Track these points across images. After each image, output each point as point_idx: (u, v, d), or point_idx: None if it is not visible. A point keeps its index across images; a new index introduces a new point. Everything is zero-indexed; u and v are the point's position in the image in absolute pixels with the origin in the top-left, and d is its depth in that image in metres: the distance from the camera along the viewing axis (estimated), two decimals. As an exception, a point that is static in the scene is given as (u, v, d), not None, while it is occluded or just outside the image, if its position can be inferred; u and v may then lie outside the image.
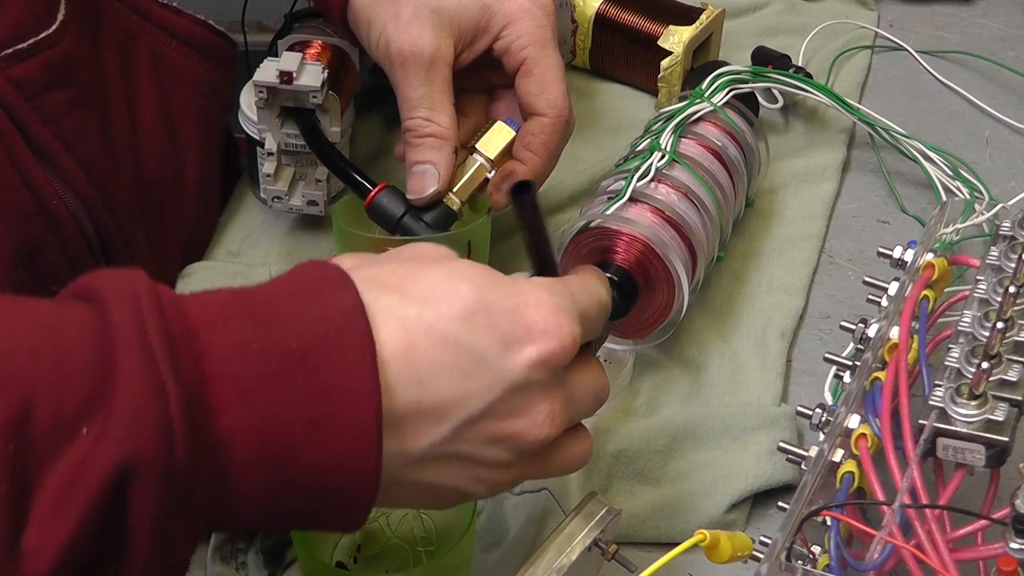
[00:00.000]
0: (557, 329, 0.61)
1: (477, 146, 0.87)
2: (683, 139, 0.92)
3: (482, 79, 0.92)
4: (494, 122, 0.88)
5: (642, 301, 0.86)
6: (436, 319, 0.59)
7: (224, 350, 0.55)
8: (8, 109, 0.82)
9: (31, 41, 0.83)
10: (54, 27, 0.85)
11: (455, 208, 0.85)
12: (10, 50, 0.82)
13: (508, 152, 0.88)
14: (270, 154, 0.90)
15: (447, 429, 0.60)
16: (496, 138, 0.87)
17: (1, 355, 0.52)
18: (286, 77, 0.86)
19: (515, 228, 1.00)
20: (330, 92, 0.89)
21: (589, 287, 0.66)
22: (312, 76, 0.87)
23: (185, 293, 0.57)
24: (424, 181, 0.85)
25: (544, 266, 0.68)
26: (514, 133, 0.87)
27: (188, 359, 0.54)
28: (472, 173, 0.87)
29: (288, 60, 0.87)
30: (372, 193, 0.85)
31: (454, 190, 0.86)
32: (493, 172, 0.87)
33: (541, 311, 0.61)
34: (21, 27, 0.83)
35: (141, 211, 0.92)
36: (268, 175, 0.91)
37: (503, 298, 0.61)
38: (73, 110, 0.86)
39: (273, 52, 0.98)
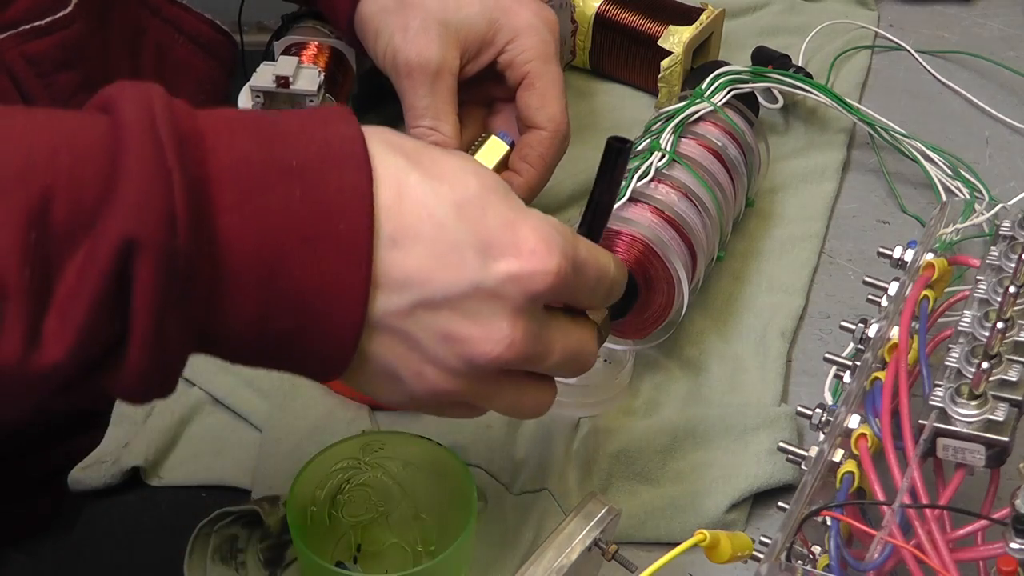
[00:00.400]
0: (544, 255, 0.60)
1: None
2: (683, 139, 0.92)
3: (483, 92, 0.93)
4: (488, 136, 0.90)
5: (642, 301, 0.86)
6: (432, 195, 0.59)
7: (227, 157, 0.57)
8: (19, 85, 0.84)
9: (48, 19, 0.85)
10: (69, 8, 0.86)
11: None
12: (28, 26, 0.84)
13: (502, 166, 0.89)
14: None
15: (404, 303, 0.59)
16: (490, 152, 0.88)
17: (22, 151, 0.54)
18: (283, 81, 0.86)
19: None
20: (327, 95, 0.89)
21: (599, 254, 0.65)
22: (308, 80, 0.87)
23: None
24: None
25: (592, 225, 0.68)
26: (508, 147, 0.89)
27: (194, 156, 0.56)
28: None
29: (284, 64, 0.87)
30: None
31: None
32: None
33: (536, 233, 0.60)
34: (39, 5, 0.85)
35: None
36: None
37: (505, 207, 0.61)
38: (80, 92, 0.87)
39: (269, 54, 0.98)
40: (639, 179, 0.87)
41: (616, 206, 0.86)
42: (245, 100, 0.94)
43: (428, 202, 0.59)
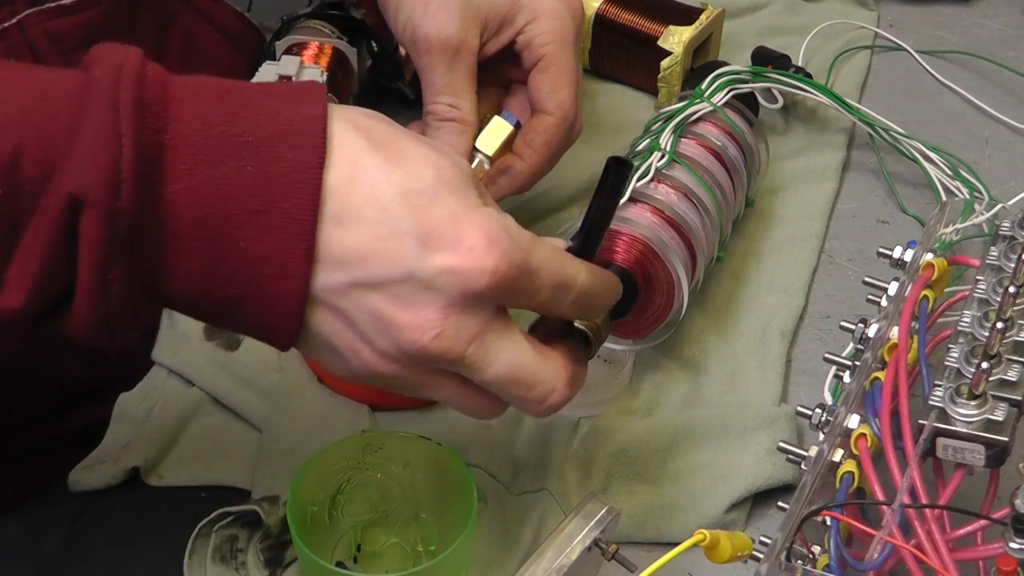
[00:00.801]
0: (482, 253, 0.61)
1: (476, 144, 0.87)
2: (683, 139, 0.92)
3: (500, 73, 0.92)
4: (492, 117, 0.88)
5: (642, 301, 0.86)
6: (383, 179, 0.61)
7: (187, 126, 0.59)
8: (41, 61, 0.84)
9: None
10: None
11: None
12: (52, 4, 0.85)
13: (507, 147, 0.87)
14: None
15: (340, 280, 0.61)
16: (494, 133, 0.87)
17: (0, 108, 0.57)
18: (286, 81, 0.86)
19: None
20: (329, 95, 0.89)
21: (566, 264, 0.65)
22: (311, 80, 0.87)
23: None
24: None
25: (586, 241, 0.68)
26: (511, 128, 0.87)
27: (153, 124, 0.58)
28: (472, 170, 0.86)
29: (287, 64, 0.87)
30: None
31: None
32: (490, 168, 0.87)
33: (480, 231, 0.61)
34: None
35: None
36: None
37: (455, 201, 0.61)
38: None
39: (270, 54, 0.98)
40: (639, 179, 0.87)
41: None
42: None
43: (377, 185, 0.60)
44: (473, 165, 0.87)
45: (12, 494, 0.93)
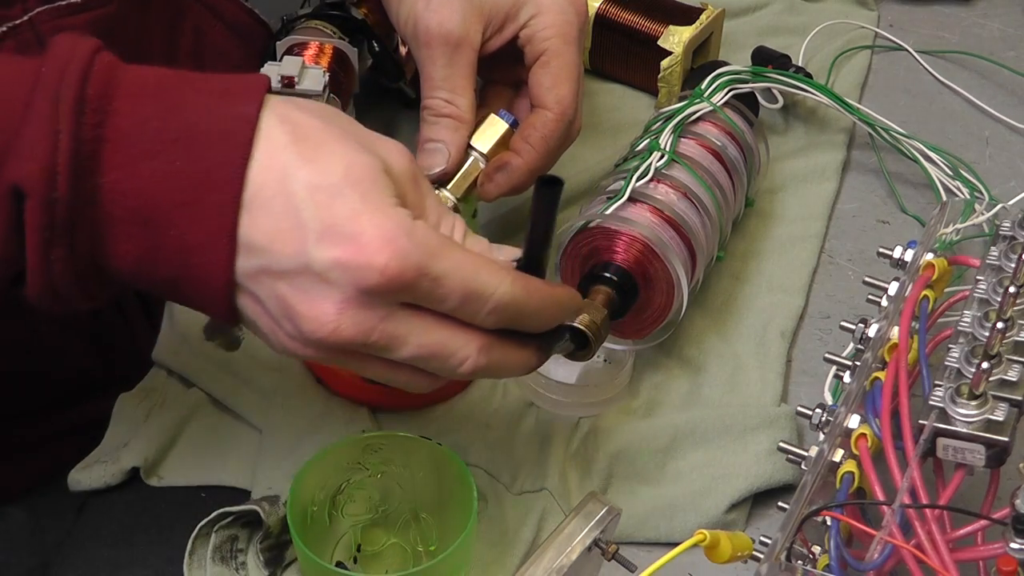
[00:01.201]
0: (373, 252, 0.63)
1: (471, 141, 0.87)
2: (683, 139, 0.92)
3: (511, 72, 0.91)
4: (487, 115, 0.88)
5: (641, 301, 0.86)
6: (294, 174, 0.64)
7: (126, 120, 0.63)
8: None
9: None
10: None
11: (449, 205, 0.85)
12: (64, 2, 0.86)
13: (503, 145, 0.87)
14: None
15: (252, 266, 0.64)
16: (489, 131, 0.87)
17: None
18: (288, 81, 0.86)
19: (509, 234, 1.00)
20: (331, 95, 0.89)
21: (477, 273, 0.65)
22: (314, 80, 0.87)
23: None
24: (433, 159, 0.85)
25: (529, 261, 0.68)
26: (507, 126, 0.86)
27: (92, 119, 0.63)
28: (466, 169, 0.86)
29: (290, 64, 0.87)
30: None
31: (448, 186, 0.85)
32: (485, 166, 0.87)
33: (377, 231, 0.63)
34: None
35: None
36: None
37: (359, 199, 0.63)
38: None
39: (271, 54, 0.98)
40: (638, 179, 0.87)
41: (616, 206, 0.86)
42: None
43: (287, 179, 0.63)
44: (468, 162, 0.86)
45: (17, 483, 0.93)
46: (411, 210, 0.66)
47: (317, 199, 0.63)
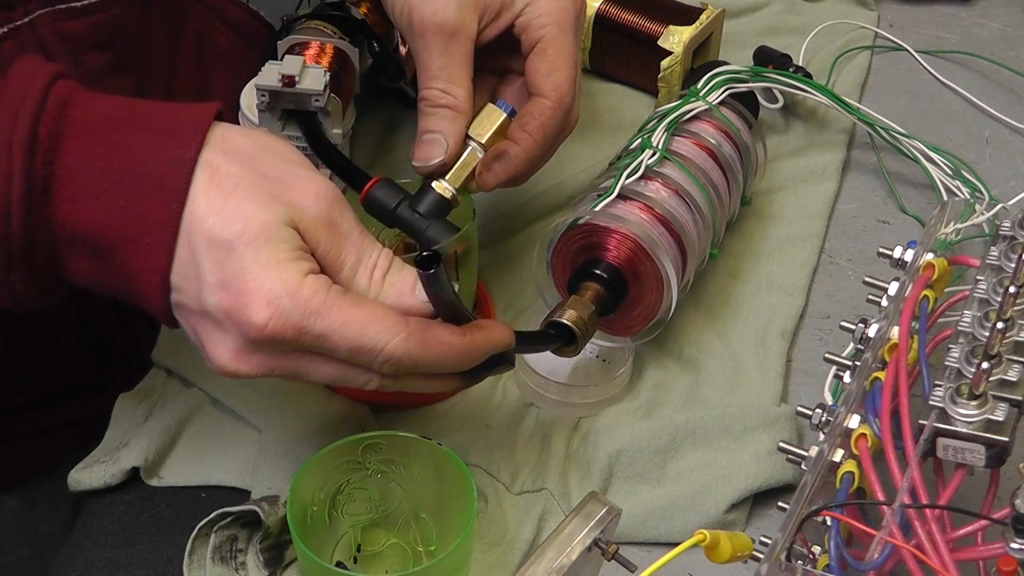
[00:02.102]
0: (257, 310, 0.68)
1: (468, 131, 0.86)
2: (677, 137, 0.92)
3: (498, 60, 0.90)
4: (485, 105, 0.87)
5: (631, 298, 0.86)
6: (199, 226, 0.69)
7: (75, 159, 0.69)
8: (52, 59, 0.85)
9: (84, 2, 0.88)
10: None
11: (448, 196, 0.84)
12: (63, 6, 0.87)
13: (501, 134, 0.86)
14: (271, 156, 0.91)
15: (174, 300, 0.71)
16: (487, 121, 0.86)
17: None
18: (289, 81, 0.86)
19: (508, 234, 1.00)
20: (332, 95, 0.89)
21: (364, 330, 0.69)
22: (314, 79, 0.87)
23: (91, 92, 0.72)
24: (431, 150, 0.84)
25: (447, 318, 0.72)
26: (505, 115, 0.85)
27: (44, 159, 0.69)
28: (464, 159, 0.85)
29: (290, 64, 0.87)
30: (366, 186, 0.84)
31: (447, 177, 0.85)
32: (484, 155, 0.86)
33: (260, 291, 0.68)
34: None
35: None
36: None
37: (251, 258, 0.68)
38: (111, 72, 0.90)
39: (272, 54, 0.98)
40: (628, 176, 0.87)
41: (605, 203, 0.86)
42: (248, 98, 0.94)
43: (194, 230, 0.69)
44: (467, 153, 0.85)
45: (12, 474, 0.93)
46: (322, 256, 0.71)
47: (213, 254, 0.69)
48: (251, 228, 0.69)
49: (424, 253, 0.68)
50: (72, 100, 0.70)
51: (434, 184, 0.84)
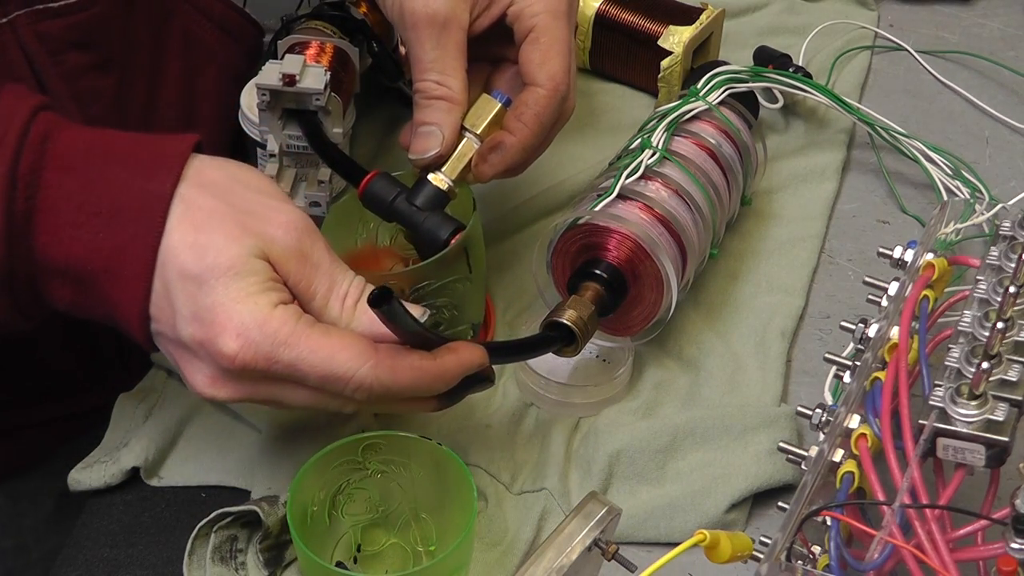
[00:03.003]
0: (228, 342, 0.70)
1: (464, 122, 0.86)
2: (677, 137, 0.92)
3: (489, 50, 0.89)
4: (480, 95, 0.86)
5: (630, 298, 0.86)
6: (171, 261, 0.71)
7: (55, 193, 0.71)
8: (31, 60, 0.86)
9: (61, 3, 0.88)
10: None
11: (444, 188, 0.84)
12: (41, 7, 0.87)
13: (496, 124, 0.85)
14: (272, 156, 0.90)
15: (153, 328, 0.73)
16: (482, 111, 0.85)
17: None
18: (289, 79, 0.86)
19: (508, 233, 1.00)
20: (332, 94, 0.89)
21: (331, 358, 0.71)
22: (315, 79, 0.87)
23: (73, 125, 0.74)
24: (428, 142, 0.84)
25: (414, 345, 0.73)
26: (500, 105, 0.85)
27: (24, 193, 0.71)
28: (460, 150, 0.84)
29: (291, 63, 0.87)
30: (364, 180, 0.84)
31: (443, 169, 0.84)
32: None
33: (230, 323, 0.70)
34: None
35: None
36: (271, 177, 0.91)
37: (221, 291, 0.70)
38: (92, 72, 0.90)
39: (272, 53, 0.98)
40: (628, 176, 0.87)
41: (605, 203, 0.86)
42: (249, 98, 0.94)
43: (167, 264, 0.71)
44: (462, 144, 0.85)
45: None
46: (294, 286, 0.73)
47: (185, 287, 0.71)
48: (221, 262, 0.71)
49: (374, 291, 0.69)
50: (53, 134, 0.72)
51: (431, 176, 0.83)
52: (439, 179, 0.83)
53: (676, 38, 1.07)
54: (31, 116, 0.72)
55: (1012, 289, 0.72)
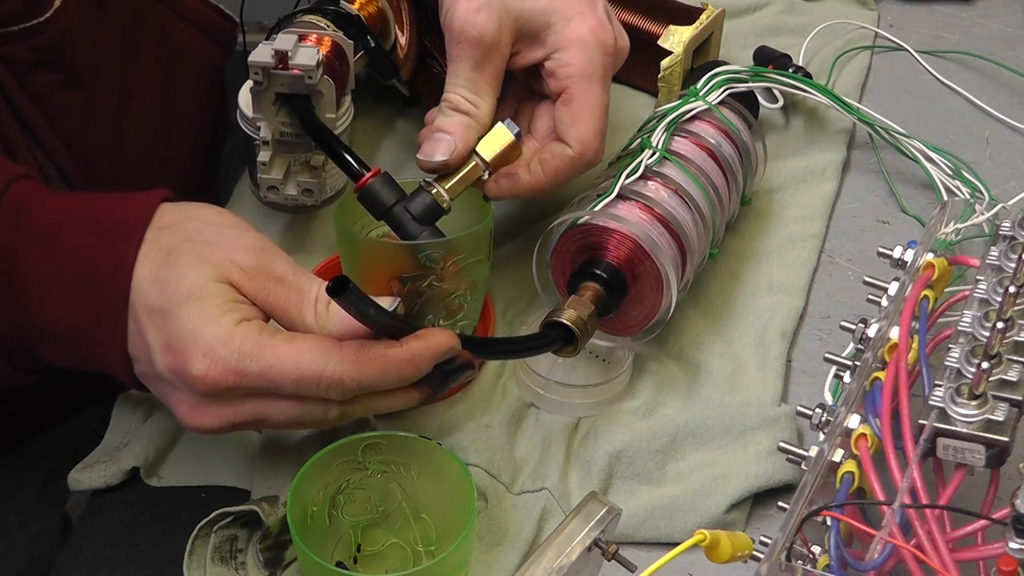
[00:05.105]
0: (195, 362, 0.73)
1: (476, 147, 0.86)
2: (677, 137, 0.92)
3: (531, 83, 0.91)
4: (496, 124, 0.87)
5: (630, 298, 0.86)
6: (140, 301, 0.75)
7: (30, 263, 0.76)
8: None
9: (21, 26, 0.89)
10: (48, 14, 0.90)
11: (443, 205, 0.84)
12: (2, 31, 0.87)
13: (506, 154, 0.86)
14: (265, 143, 0.90)
15: (137, 370, 0.77)
16: (494, 141, 0.86)
17: None
18: (281, 56, 0.85)
19: (507, 234, 1.00)
20: (325, 76, 0.89)
21: (301, 360, 0.73)
22: (307, 56, 0.86)
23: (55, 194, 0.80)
24: (438, 147, 0.85)
25: (383, 335, 0.75)
26: (512, 136, 0.86)
27: (3, 266, 0.76)
28: (465, 172, 0.85)
29: (283, 41, 0.86)
30: (365, 177, 0.84)
31: (446, 187, 0.85)
32: (487, 173, 0.86)
33: (195, 344, 0.73)
34: (13, 12, 0.88)
35: (126, 183, 0.93)
36: (263, 163, 0.90)
37: (186, 318, 0.74)
38: (60, 89, 0.92)
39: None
40: (628, 176, 0.87)
41: (604, 203, 0.86)
42: (246, 96, 0.94)
43: (137, 301, 0.75)
44: (468, 167, 0.86)
45: None
46: (263, 303, 0.76)
47: (153, 321, 0.75)
48: (181, 290, 0.74)
49: (330, 282, 0.69)
50: (24, 207, 0.77)
51: (432, 189, 0.84)
52: (440, 195, 0.84)
53: (676, 38, 1.07)
54: (4, 189, 0.77)
55: (1012, 289, 0.72)
